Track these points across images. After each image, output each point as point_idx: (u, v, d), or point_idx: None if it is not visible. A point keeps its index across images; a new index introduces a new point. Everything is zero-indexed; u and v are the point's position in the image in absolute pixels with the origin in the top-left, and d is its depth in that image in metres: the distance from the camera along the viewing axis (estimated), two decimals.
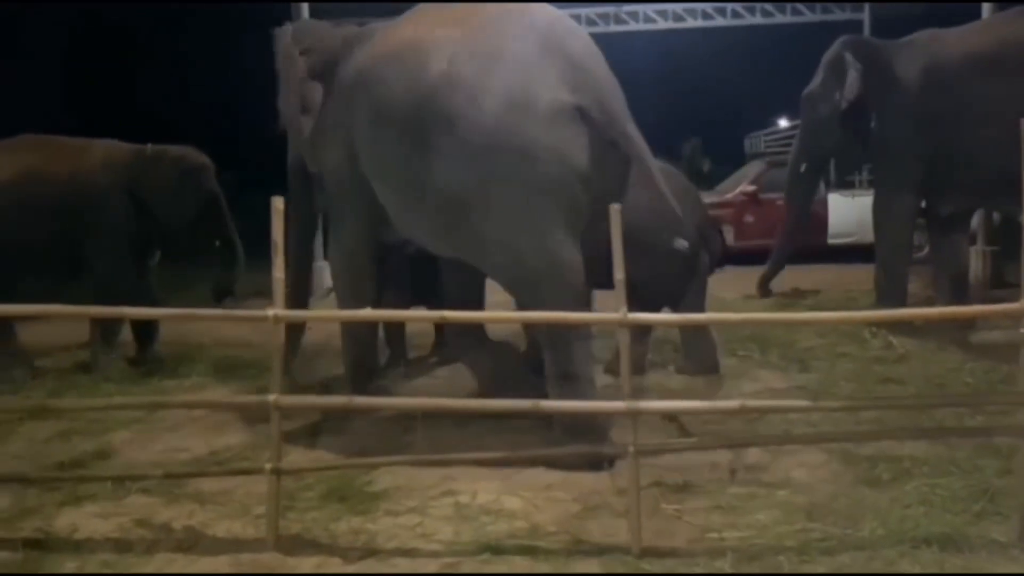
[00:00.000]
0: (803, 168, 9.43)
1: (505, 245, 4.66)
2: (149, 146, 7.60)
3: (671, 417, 5.25)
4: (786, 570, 3.62)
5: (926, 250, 9.42)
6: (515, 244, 4.63)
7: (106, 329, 7.34)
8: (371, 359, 6.02)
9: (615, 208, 3.96)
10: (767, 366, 6.92)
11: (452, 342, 6.08)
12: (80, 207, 7.12)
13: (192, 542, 4.05)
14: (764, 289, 9.98)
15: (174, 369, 7.35)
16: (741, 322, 5.89)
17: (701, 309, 6.47)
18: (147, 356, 7.59)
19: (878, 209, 8.59)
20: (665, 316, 4.34)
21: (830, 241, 12.82)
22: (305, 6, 12.00)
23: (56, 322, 7.96)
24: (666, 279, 6.32)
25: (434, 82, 4.62)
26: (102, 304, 5.32)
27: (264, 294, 4.47)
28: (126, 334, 7.64)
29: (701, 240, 6.63)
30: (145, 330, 7.60)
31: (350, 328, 5.79)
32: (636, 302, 6.30)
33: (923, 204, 8.41)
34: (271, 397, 3.99)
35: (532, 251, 4.58)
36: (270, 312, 4.01)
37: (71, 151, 7.44)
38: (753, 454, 4.82)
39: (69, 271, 7.32)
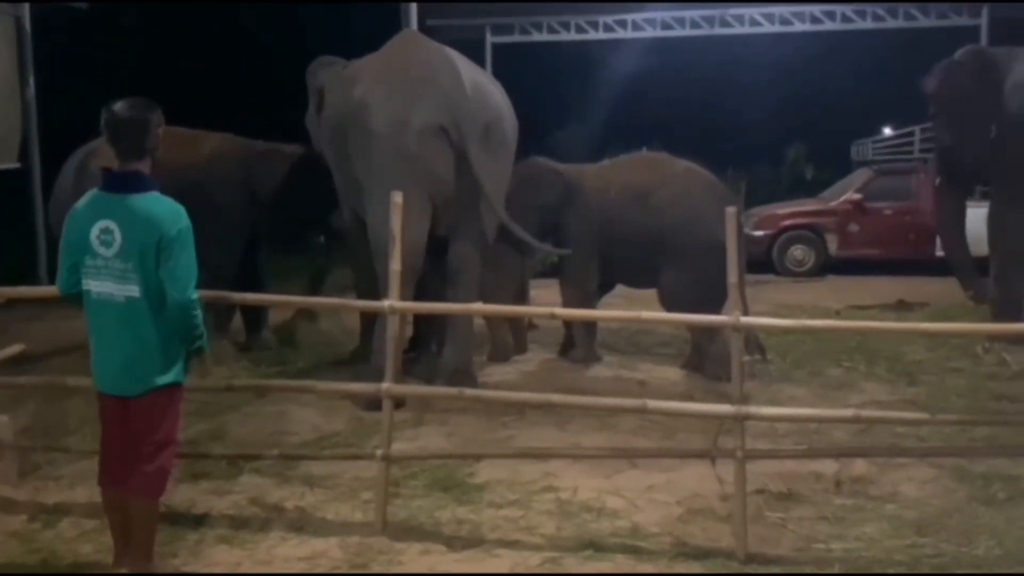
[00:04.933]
0: (937, 181, 9.14)
1: (374, 218, 5.98)
2: (260, 142, 7.85)
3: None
4: None
5: None
6: (375, 218, 5.91)
7: (219, 316, 7.60)
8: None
9: (731, 211, 3.94)
10: (873, 378, 6.74)
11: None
12: (192, 196, 7.31)
13: (303, 523, 4.18)
14: (982, 297, 8.80)
15: (281, 356, 7.59)
16: (851, 330, 5.80)
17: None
18: (256, 342, 7.85)
19: (994, 221, 8.29)
20: (777, 321, 4.29)
21: (939, 253, 12.36)
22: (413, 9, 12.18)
23: None
24: (702, 275, 6.70)
25: (355, 104, 6.20)
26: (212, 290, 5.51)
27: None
28: (236, 321, 7.91)
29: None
30: (255, 317, 7.86)
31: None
32: (686, 301, 6.64)
33: None
34: (384, 385, 4.10)
35: (381, 224, 5.45)
36: (386, 303, 4.12)
37: (183, 142, 7.69)
38: (859, 466, 4.70)
39: None
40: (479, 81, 6.33)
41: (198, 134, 7.89)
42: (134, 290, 3.26)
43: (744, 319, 3.93)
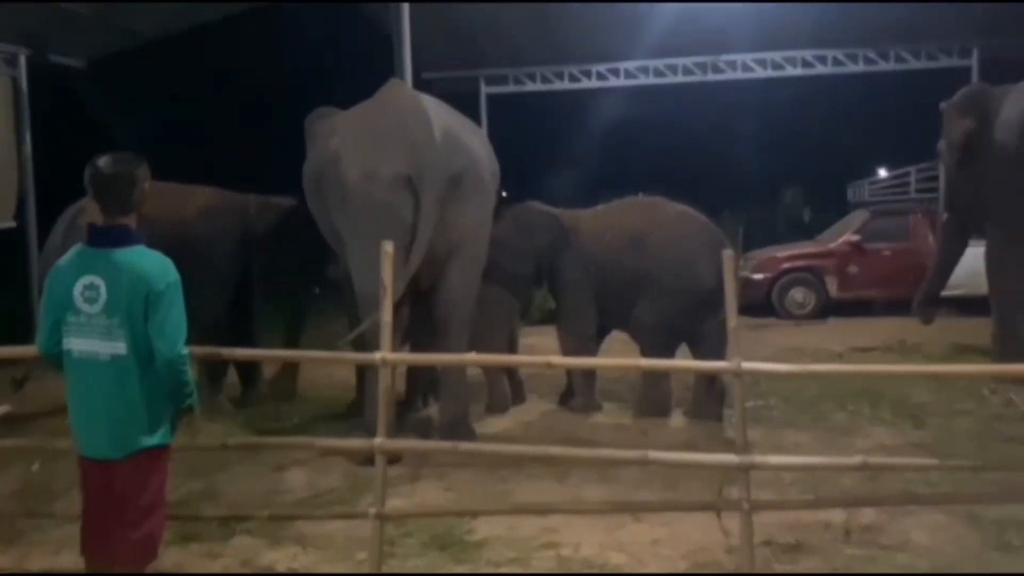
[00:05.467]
0: (944, 218, 9.15)
1: (352, 267, 6.21)
2: (253, 195, 7.81)
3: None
4: None
5: None
6: (355, 267, 6.10)
7: (212, 371, 7.48)
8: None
9: (728, 255, 3.87)
10: (879, 422, 6.64)
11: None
12: (181, 252, 7.21)
13: None
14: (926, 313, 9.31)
15: (276, 410, 7.47)
16: (855, 374, 5.68)
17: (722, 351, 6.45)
18: (251, 397, 7.73)
19: (992, 259, 8.22)
20: (779, 366, 4.18)
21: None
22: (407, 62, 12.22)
23: None
24: (684, 318, 6.90)
25: (330, 155, 6.30)
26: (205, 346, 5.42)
27: None
28: (231, 375, 7.79)
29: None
30: (250, 372, 7.75)
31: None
32: (653, 339, 6.89)
33: None
34: (376, 441, 3.98)
35: (361, 277, 5.92)
36: (378, 355, 4.03)
37: (176, 197, 7.63)
38: (868, 514, 4.58)
39: None
40: (452, 129, 6.27)
41: (189, 188, 7.81)
42: (120, 347, 3.14)
43: (746, 365, 3.84)
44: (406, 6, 10.15)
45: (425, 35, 12.04)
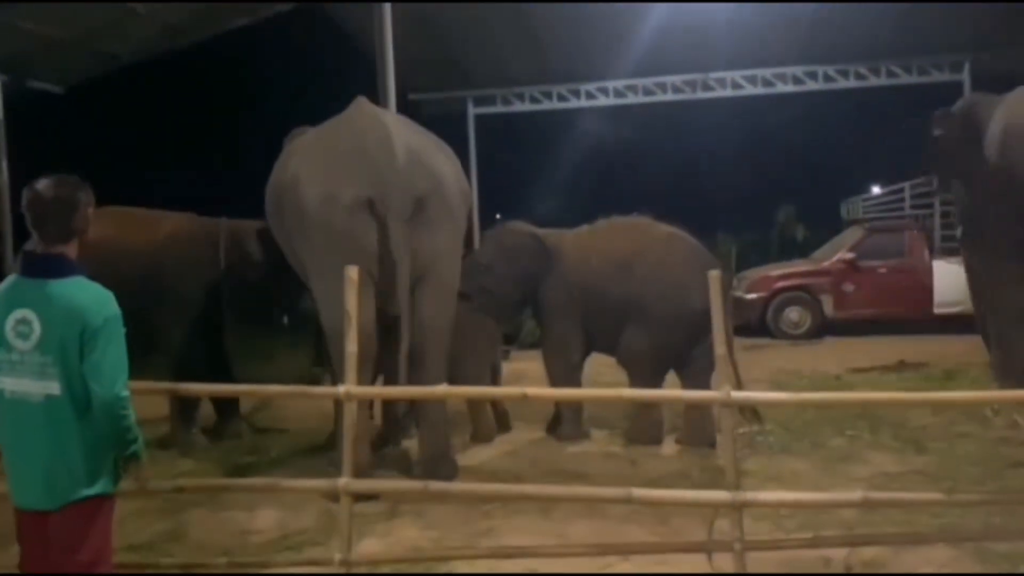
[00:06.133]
0: (959, 232, 8.86)
1: (317, 298, 5.97)
2: (224, 219, 7.58)
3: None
4: None
5: None
6: (319, 298, 5.90)
7: (185, 404, 7.20)
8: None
9: (714, 275, 3.63)
10: (879, 447, 6.37)
11: None
12: (151, 280, 7.01)
13: None
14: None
15: (254, 443, 7.20)
16: (852, 403, 5.43)
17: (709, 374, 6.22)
18: (228, 429, 7.44)
19: (987, 276, 7.95)
20: (771, 394, 3.93)
21: (936, 311, 12.13)
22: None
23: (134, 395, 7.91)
24: (673, 343, 6.69)
25: (288, 178, 6.08)
26: (178, 377, 5.18)
27: None
28: (207, 407, 7.51)
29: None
30: (226, 404, 7.47)
31: None
32: (642, 366, 6.67)
33: None
34: (341, 481, 3.72)
35: (326, 309, 5.73)
36: (341, 389, 3.77)
37: (145, 224, 7.43)
38: (871, 548, 4.29)
39: (144, 344, 7.21)
40: (417, 149, 5.93)
41: (158, 214, 7.61)
42: (54, 387, 2.87)
43: (735, 394, 3.60)
44: (389, 26, 9.95)
45: (413, 56, 11.87)
